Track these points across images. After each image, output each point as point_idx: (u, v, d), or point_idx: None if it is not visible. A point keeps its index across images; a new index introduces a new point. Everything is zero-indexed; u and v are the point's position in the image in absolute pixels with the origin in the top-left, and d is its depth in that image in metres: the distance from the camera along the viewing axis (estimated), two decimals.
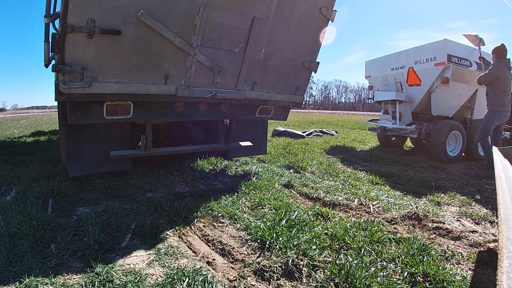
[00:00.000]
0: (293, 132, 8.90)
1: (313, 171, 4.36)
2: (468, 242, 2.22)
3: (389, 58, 6.53)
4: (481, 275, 1.80)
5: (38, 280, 1.62)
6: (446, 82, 5.43)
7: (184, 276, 1.67)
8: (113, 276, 1.68)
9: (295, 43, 3.56)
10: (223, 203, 2.82)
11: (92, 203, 2.86)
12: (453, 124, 5.50)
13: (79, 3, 2.29)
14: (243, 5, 3.02)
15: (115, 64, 2.66)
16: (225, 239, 2.20)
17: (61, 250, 1.95)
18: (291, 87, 3.90)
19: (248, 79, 3.48)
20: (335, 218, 2.57)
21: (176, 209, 2.66)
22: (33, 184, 3.20)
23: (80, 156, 3.30)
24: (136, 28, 2.59)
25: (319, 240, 2.12)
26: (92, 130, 3.31)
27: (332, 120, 18.80)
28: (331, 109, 79.77)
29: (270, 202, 2.87)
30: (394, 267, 1.83)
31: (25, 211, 2.44)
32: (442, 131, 5.36)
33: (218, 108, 3.59)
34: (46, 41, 2.77)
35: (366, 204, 2.98)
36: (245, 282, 1.69)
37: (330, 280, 1.71)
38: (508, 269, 0.91)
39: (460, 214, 2.77)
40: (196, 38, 2.92)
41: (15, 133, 9.98)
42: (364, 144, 7.79)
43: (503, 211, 1.37)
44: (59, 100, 2.68)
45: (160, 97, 3.01)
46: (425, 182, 3.85)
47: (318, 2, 3.42)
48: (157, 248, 2.05)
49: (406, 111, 6.20)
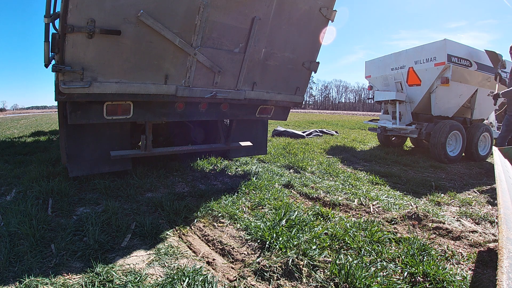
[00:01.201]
0: (293, 132, 8.90)
1: (313, 171, 4.36)
2: (468, 242, 2.22)
3: (389, 58, 6.53)
4: (481, 275, 1.80)
5: (38, 280, 1.62)
6: (446, 82, 5.43)
7: (184, 276, 1.67)
8: (113, 276, 1.68)
9: (295, 43, 3.56)
10: (223, 203, 2.82)
11: (92, 203, 2.86)
12: (453, 124, 5.50)
13: (79, 3, 2.29)
14: (243, 5, 3.02)
15: (115, 64, 2.65)
16: (225, 239, 2.20)
17: (61, 250, 1.95)
18: (291, 87, 3.90)
19: (248, 79, 3.48)
20: (335, 218, 2.57)
21: (176, 209, 2.66)
22: (33, 184, 3.20)
23: (80, 156, 3.30)
24: (136, 28, 2.59)
25: (319, 240, 2.12)
26: (92, 130, 3.31)
27: (332, 120, 18.80)
28: (331, 109, 79.76)
29: (270, 202, 2.87)
30: (394, 267, 1.83)
31: (25, 211, 2.44)
32: (442, 131, 5.36)
33: (218, 108, 3.59)
34: (46, 41, 2.77)
35: (366, 204, 2.98)
36: (245, 282, 1.69)
37: (330, 280, 1.71)
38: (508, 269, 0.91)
39: (460, 214, 2.77)
40: (196, 38, 2.92)
41: (15, 133, 9.98)
42: (364, 144, 7.79)
43: (503, 211, 1.37)
44: (59, 100, 2.68)
45: (160, 97, 3.01)
46: (425, 182, 3.85)
47: (318, 2, 3.42)
48: (157, 248, 2.05)
49: (406, 111, 6.19)
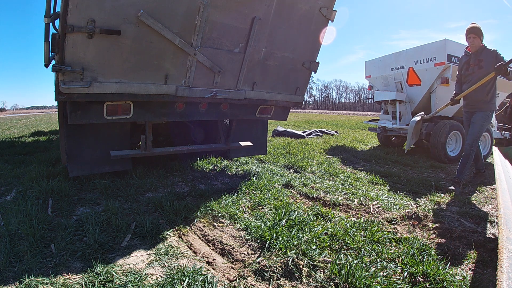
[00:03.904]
0: (293, 132, 8.90)
1: (313, 171, 4.36)
2: (468, 242, 2.22)
3: (389, 58, 6.53)
4: (481, 275, 1.79)
5: (38, 280, 1.62)
6: (446, 82, 5.44)
7: (184, 276, 1.67)
8: (113, 276, 1.68)
9: (295, 43, 3.56)
10: (223, 203, 2.82)
11: (92, 203, 2.86)
12: (453, 124, 5.49)
13: (79, 3, 2.29)
14: (243, 5, 3.02)
15: (115, 64, 2.65)
16: (225, 239, 2.20)
17: (61, 250, 1.95)
18: (291, 87, 3.90)
19: (248, 79, 3.48)
20: (335, 218, 2.57)
21: (176, 209, 2.66)
22: (33, 184, 3.20)
23: (80, 156, 3.30)
24: (136, 28, 2.59)
25: (319, 240, 2.12)
26: (92, 130, 3.31)
27: (332, 120, 18.80)
28: (331, 109, 79.75)
29: (270, 202, 2.87)
30: (394, 267, 1.83)
31: (25, 211, 2.44)
32: (442, 131, 5.35)
33: (218, 108, 3.59)
34: (46, 41, 2.77)
35: (366, 204, 2.98)
36: (245, 282, 1.69)
37: (330, 280, 1.71)
38: (508, 269, 0.91)
39: (460, 214, 2.77)
40: (196, 38, 2.92)
41: (15, 133, 9.98)
42: (364, 144, 7.79)
43: (503, 211, 1.37)
44: (59, 100, 2.68)
45: (160, 97, 3.01)
46: (425, 182, 3.85)
47: (318, 2, 3.42)
48: (157, 248, 2.05)
49: (406, 111, 6.20)
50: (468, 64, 3.60)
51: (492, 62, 3.37)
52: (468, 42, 3.55)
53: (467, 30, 3.52)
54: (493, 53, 3.42)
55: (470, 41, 3.50)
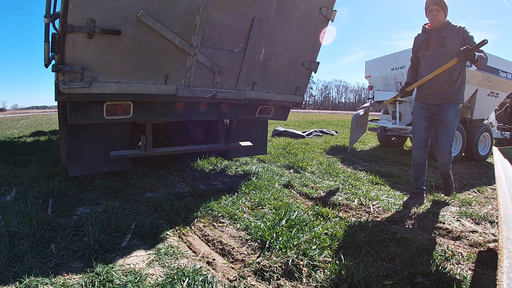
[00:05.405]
0: (293, 132, 8.90)
1: (313, 171, 4.36)
2: (468, 242, 2.22)
3: (389, 58, 6.53)
4: (481, 275, 1.79)
5: (38, 280, 1.62)
6: None
7: (184, 276, 1.67)
8: (113, 276, 1.68)
9: (295, 43, 3.56)
10: (223, 203, 2.82)
11: (92, 203, 2.86)
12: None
13: (79, 3, 2.29)
14: (243, 5, 3.02)
15: (115, 64, 2.65)
16: (225, 239, 2.20)
17: (61, 250, 1.95)
18: (291, 87, 3.90)
19: (248, 79, 3.48)
20: (335, 218, 2.57)
21: (176, 209, 2.66)
22: (33, 184, 3.20)
23: (80, 156, 3.30)
24: (136, 28, 2.59)
25: (319, 240, 2.12)
26: (92, 130, 3.31)
27: (332, 120, 18.79)
28: (331, 109, 79.75)
29: (270, 202, 2.87)
30: (394, 267, 1.84)
31: (25, 211, 2.44)
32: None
33: (218, 108, 3.59)
34: (46, 41, 2.76)
35: (366, 204, 2.98)
36: (245, 282, 1.69)
37: (330, 280, 1.71)
38: (508, 269, 0.91)
39: (460, 214, 2.77)
40: (196, 38, 2.92)
41: (15, 133, 9.98)
42: (364, 144, 7.79)
43: (503, 211, 1.37)
44: (59, 100, 2.69)
45: (160, 97, 3.01)
46: (425, 182, 3.84)
47: (318, 2, 3.42)
48: (157, 248, 2.05)
49: (406, 111, 6.19)
50: (428, 44, 2.83)
51: (458, 41, 2.67)
52: (428, 16, 2.81)
53: (428, 1, 2.77)
54: (459, 29, 2.69)
55: (432, 15, 2.75)
